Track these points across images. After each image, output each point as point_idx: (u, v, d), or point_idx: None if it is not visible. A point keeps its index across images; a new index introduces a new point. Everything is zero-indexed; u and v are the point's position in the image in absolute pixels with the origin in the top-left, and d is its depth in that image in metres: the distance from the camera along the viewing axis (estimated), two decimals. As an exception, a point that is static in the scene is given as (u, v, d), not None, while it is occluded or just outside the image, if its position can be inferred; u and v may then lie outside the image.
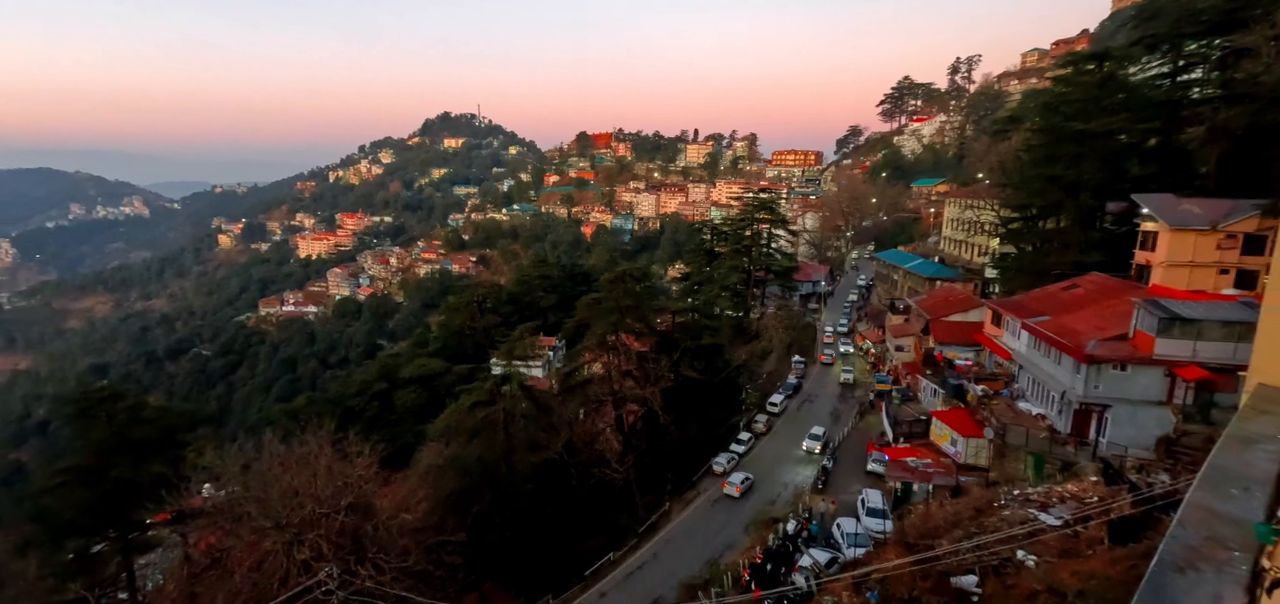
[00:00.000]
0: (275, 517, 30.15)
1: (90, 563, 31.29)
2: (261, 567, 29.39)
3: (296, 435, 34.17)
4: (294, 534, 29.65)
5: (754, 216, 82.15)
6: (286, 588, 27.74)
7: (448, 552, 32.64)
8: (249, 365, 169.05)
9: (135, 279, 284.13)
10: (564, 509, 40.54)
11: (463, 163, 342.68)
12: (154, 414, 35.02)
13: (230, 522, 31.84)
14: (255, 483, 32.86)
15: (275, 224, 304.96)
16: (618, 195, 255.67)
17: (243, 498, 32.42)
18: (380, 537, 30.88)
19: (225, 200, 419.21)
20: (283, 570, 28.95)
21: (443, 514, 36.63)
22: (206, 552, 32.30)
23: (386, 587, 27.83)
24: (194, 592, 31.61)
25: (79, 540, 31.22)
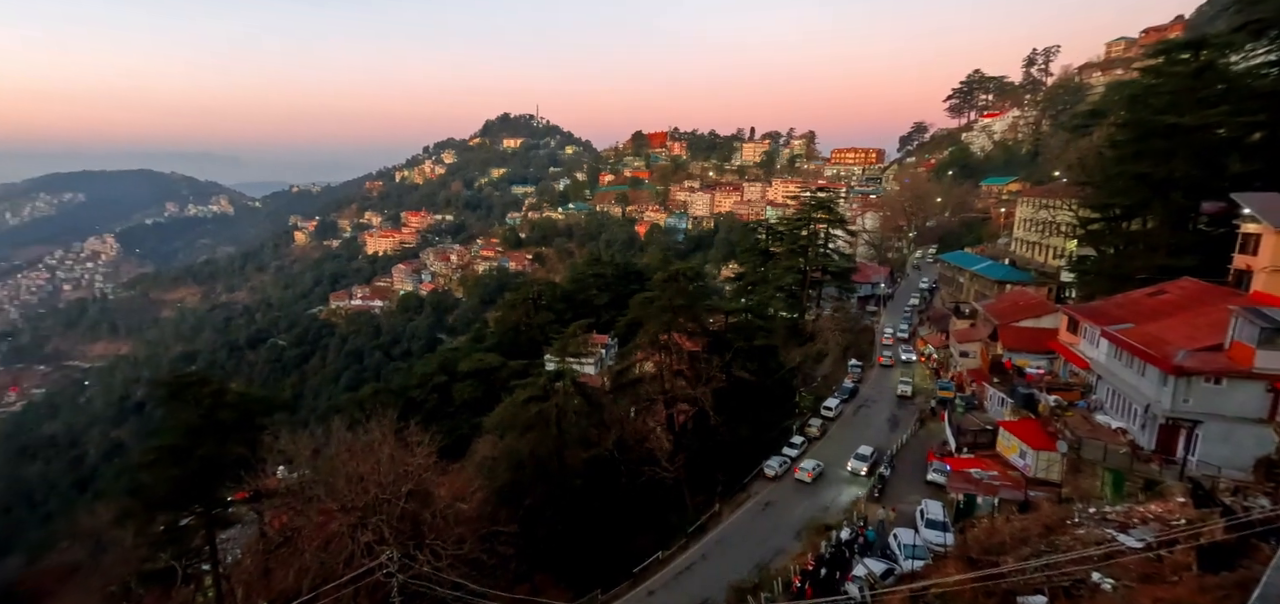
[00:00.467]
0: (342, 500, 31.80)
1: (179, 535, 33.78)
2: (329, 546, 31.02)
3: (362, 424, 35.92)
4: (359, 517, 31.19)
5: (811, 216, 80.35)
6: (351, 568, 29.19)
7: (501, 541, 33.50)
8: (320, 356, 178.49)
9: (221, 273, 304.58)
10: (614, 505, 40.87)
11: (521, 162, 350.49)
12: (235, 399, 37.42)
13: (301, 503, 33.80)
14: (324, 467, 34.81)
15: (346, 222, 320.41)
16: (672, 194, 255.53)
17: (313, 481, 34.38)
18: (438, 524, 32.08)
19: (301, 199, 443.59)
20: (348, 551, 30.48)
21: (496, 505, 37.67)
22: (279, 530, 34.32)
23: (443, 572, 28.82)
24: (268, 567, 33.70)
25: (169, 514, 33.72)
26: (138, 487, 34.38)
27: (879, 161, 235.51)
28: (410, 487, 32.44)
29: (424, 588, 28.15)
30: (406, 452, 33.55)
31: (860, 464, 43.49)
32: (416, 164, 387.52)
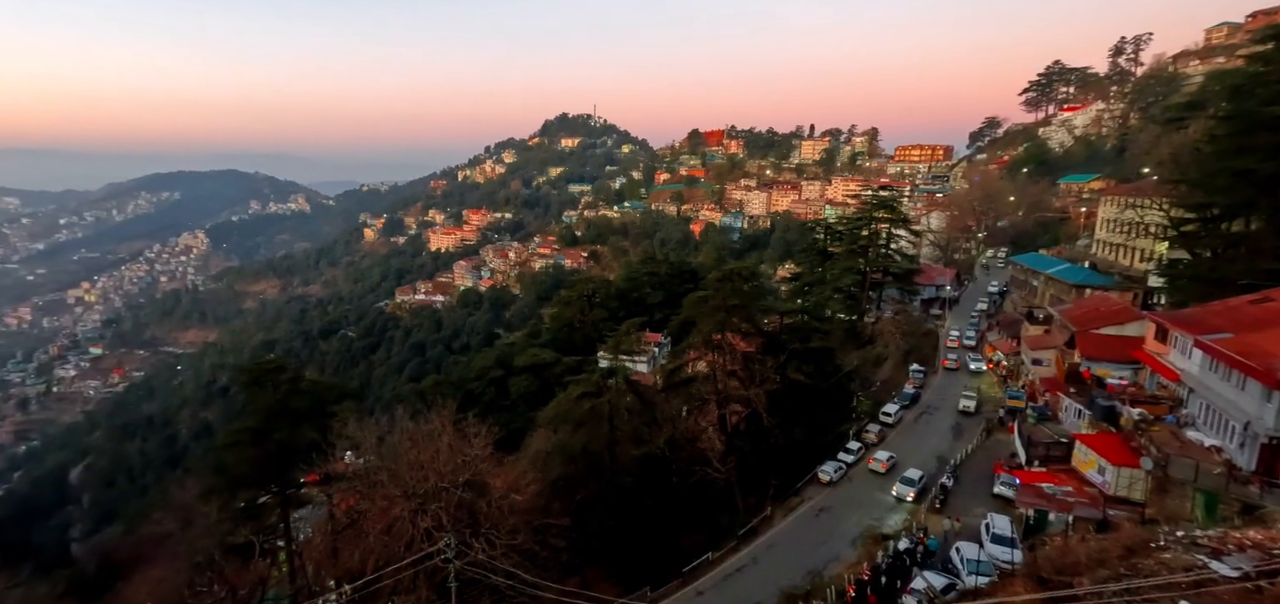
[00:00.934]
0: (404, 486, 33.13)
1: (257, 512, 36.09)
2: (391, 530, 32.39)
3: (423, 414, 37.31)
4: (419, 503, 32.41)
5: (872, 215, 77.80)
6: (411, 552, 30.38)
7: (553, 534, 34.10)
8: (386, 347, 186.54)
9: (297, 267, 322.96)
10: (664, 504, 40.89)
11: (578, 161, 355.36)
12: (309, 386, 39.60)
13: (366, 487, 35.44)
14: (388, 454, 36.33)
15: (411, 219, 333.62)
16: (728, 193, 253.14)
17: (377, 467, 35.97)
18: (493, 514, 32.94)
19: (371, 198, 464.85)
20: (408, 535, 31.73)
21: (549, 498, 38.35)
22: (346, 512, 36.10)
23: (497, 561, 29.59)
24: (336, 546, 35.51)
25: (249, 492, 36.07)
26: (221, 465, 36.91)
27: (946, 158, 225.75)
28: (467, 476, 33.44)
29: (479, 575, 28.99)
30: (464, 442, 34.60)
31: (906, 488, 40.13)
32: (478, 164, 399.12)
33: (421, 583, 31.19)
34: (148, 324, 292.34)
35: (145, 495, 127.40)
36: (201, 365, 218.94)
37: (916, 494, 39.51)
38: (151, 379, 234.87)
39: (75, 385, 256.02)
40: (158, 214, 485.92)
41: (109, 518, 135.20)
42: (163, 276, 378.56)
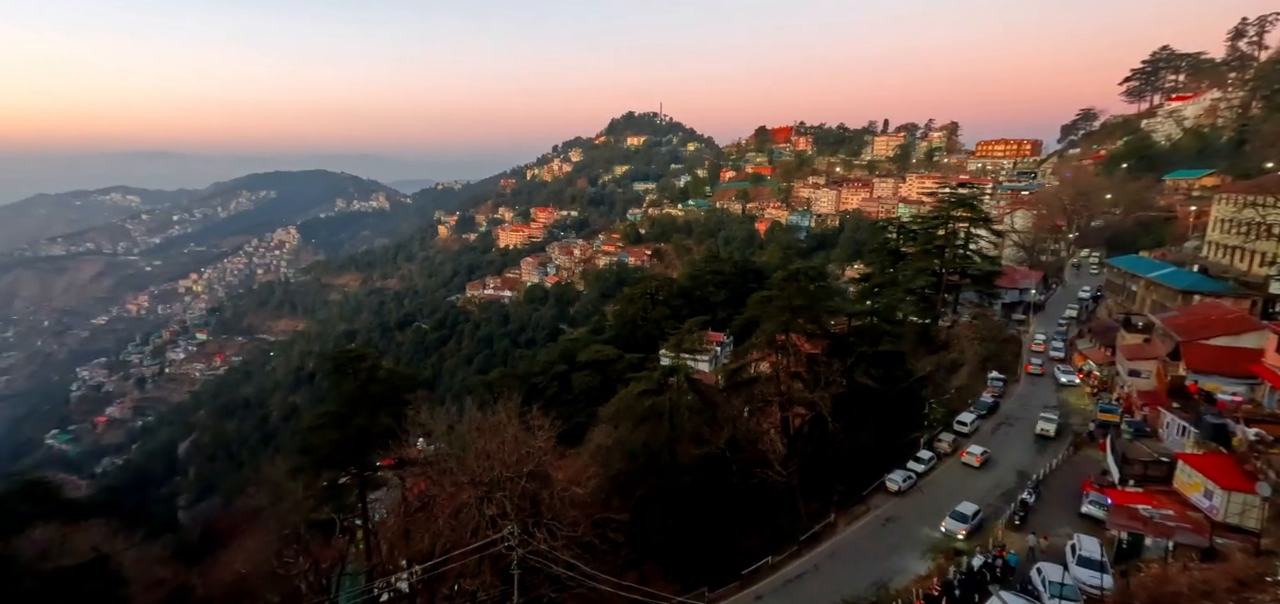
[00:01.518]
0: (471, 474, 34.39)
1: (337, 492, 38.38)
2: (458, 515, 33.69)
3: (490, 405, 38.58)
4: (485, 491, 33.55)
5: (949, 214, 74.02)
6: (477, 538, 31.51)
7: (612, 528, 34.46)
8: (456, 340, 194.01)
9: (377, 262, 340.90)
10: (724, 504, 40.50)
11: (643, 160, 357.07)
12: (386, 375, 41.71)
13: (437, 473, 36.99)
14: (456, 443, 37.79)
15: (482, 216, 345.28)
16: (795, 191, 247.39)
17: (447, 454, 37.49)
18: (554, 505, 33.67)
19: (445, 196, 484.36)
20: (475, 522, 32.91)
21: (609, 493, 38.77)
22: (418, 496, 37.80)
23: (558, 551, 30.24)
24: (408, 528, 37.27)
25: (331, 472, 38.39)
26: (307, 446, 39.47)
27: (1034, 153, 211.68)
28: (531, 467, 34.34)
29: (540, 564, 29.71)
30: (528, 434, 35.54)
31: (957, 525, 35.88)
32: (546, 163, 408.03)
33: (486, 568, 32.31)
34: (245, 313, 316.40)
35: (241, 471, 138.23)
36: (291, 352, 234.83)
37: (968, 533, 35.50)
38: (248, 364, 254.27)
39: (183, 367, 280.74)
40: (256, 211, 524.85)
41: (210, 490, 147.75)
42: (259, 269, 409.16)
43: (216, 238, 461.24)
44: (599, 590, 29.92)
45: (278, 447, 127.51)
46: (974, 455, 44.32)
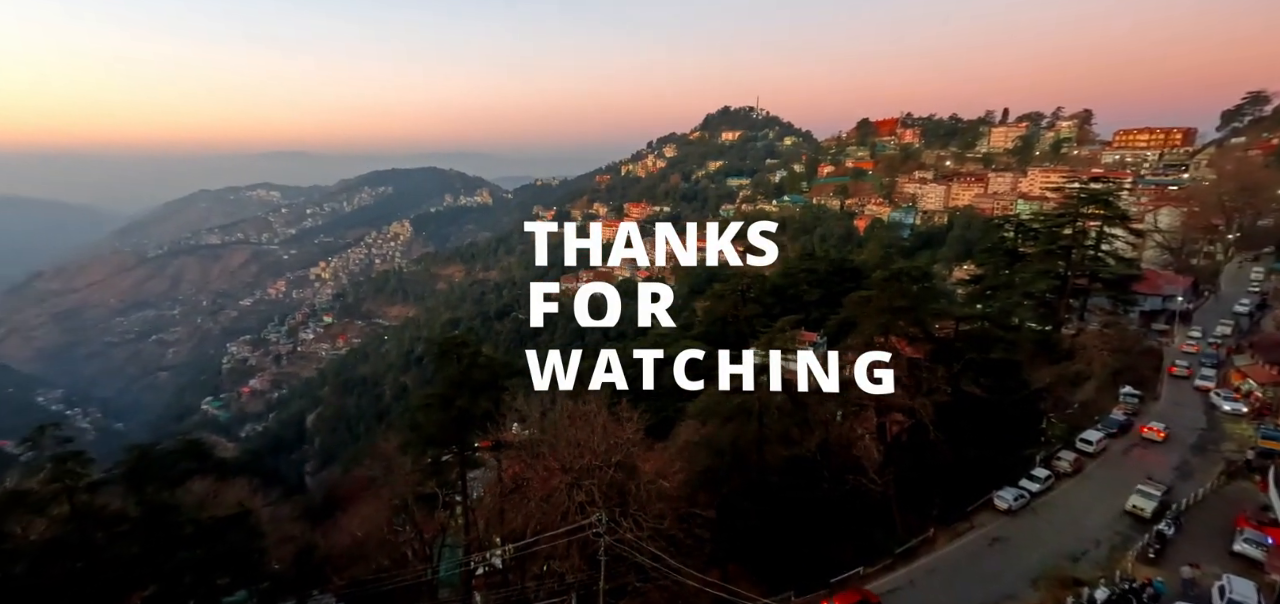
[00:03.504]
0: (562, 460, 35.67)
1: (441, 469, 41.07)
2: (549, 499, 35.05)
3: (581, 395, 39.72)
4: (574, 478, 34.69)
5: (1079, 211, 67.19)
6: (566, 522, 32.67)
7: (697, 524, 34.51)
8: (550, 330, 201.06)
9: (480, 254, 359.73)
10: (813, 509, 39.29)
11: (738, 155, 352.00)
12: (486, 361, 43.99)
13: (530, 457, 38.65)
14: (549, 429, 39.31)
15: (577, 211, 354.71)
16: (898, 186, 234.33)
17: (539, 440, 39.09)
18: (641, 496, 34.20)
19: (543, 191, 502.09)
20: (564, 506, 34.12)
21: (695, 488, 38.75)
22: (512, 478, 39.66)
23: (643, 542, 30.71)
24: (503, 508, 39.24)
25: (435, 450, 41.14)
26: (415, 424, 42.51)
27: (1186, 143, 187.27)
28: (619, 458, 35.09)
29: (626, 553, 30.32)
30: (617, 425, 36.33)
31: (1145, 501, 36.27)
32: (640, 159, 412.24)
33: (574, 552, 33.41)
34: (364, 299, 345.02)
35: (358, 443, 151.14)
36: (402, 337, 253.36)
37: (1154, 512, 35.94)
38: (366, 346, 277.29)
39: (312, 346, 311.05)
40: (376, 205, 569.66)
41: (332, 458, 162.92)
42: (377, 259, 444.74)
43: (342, 230, 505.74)
44: (684, 584, 30.07)
45: (389, 423, 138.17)
46: (1156, 429, 45.26)
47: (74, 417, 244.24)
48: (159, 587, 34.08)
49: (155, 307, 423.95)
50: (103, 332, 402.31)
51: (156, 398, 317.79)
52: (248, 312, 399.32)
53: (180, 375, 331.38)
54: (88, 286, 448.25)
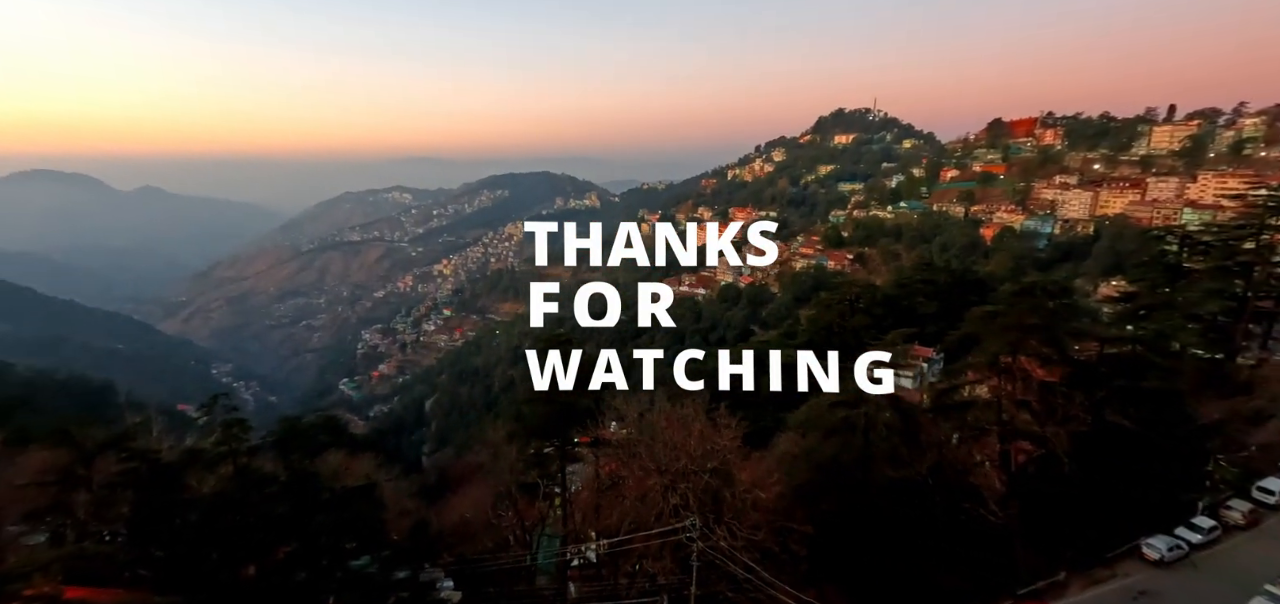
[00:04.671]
0: (657, 462, 35.85)
1: (542, 460, 42.77)
2: (644, 499, 35.35)
3: (679, 398, 39.75)
4: (670, 480, 34.74)
5: (1265, 222, 57.68)
6: (660, 524, 32.80)
7: (794, 539, 33.33)
8: (650, 332, 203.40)
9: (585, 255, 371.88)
10: (921, 535, 36.64)
11: (851, 159, 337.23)
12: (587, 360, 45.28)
13: (627, 456, 39.20)
14: (646, 430, 39.64)
15: (682, 214, 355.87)
16: (1034, 192, 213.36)
17: (636, 440, 39.52)
18: (736, 505, 33.59)
19: (649, 196, 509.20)
20: (659, 508, 34.27)
21: (792, 502, 37.44)
22: (609, 475, 40.47)
23: (736, 551, 30.14)
24: (599, 504, 40.15)
25: (538, 442, 42.90)
26: (520, 416, 44.63)
27: None
28: (715, 464, 34.71)
29: (719, 561, 29.92)
30: (715, 431, 35.95)
31: None
32: (747, 162, 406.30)
33: (667, 554, 33.47)
34: (480, 296, 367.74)
35: (469, 430, 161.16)
36: (512, 332, 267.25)
37: None
38: (479, 339, 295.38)
39: (433, 337, 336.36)
40: (493, 208, 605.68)
41: (446, 442, 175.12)
42: (493, 258, 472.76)
43: (463, 230, 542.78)
44: (777, 600, 29.16)
45: (497, 412, 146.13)
46: None
47: (239, 389, 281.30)
48: (299, 544, 38.24)
49: (305, 295, 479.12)
50: (263, 315, 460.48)
51: (303, 376, 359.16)
52: (380, 303, 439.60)
53: (322, 357, 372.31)
54: (254, 276, 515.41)
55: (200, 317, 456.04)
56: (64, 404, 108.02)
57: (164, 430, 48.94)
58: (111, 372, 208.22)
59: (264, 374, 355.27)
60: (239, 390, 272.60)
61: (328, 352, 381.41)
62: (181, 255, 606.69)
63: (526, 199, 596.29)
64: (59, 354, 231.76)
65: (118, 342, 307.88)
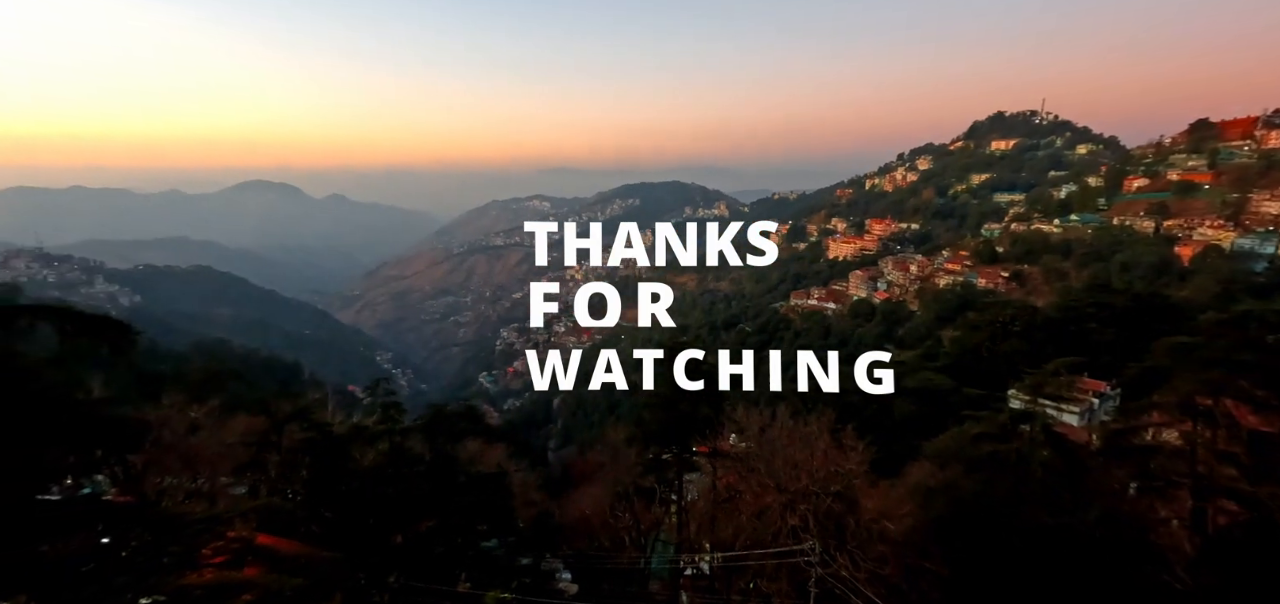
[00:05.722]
0: (777, 479, 34.73)
1: (660, 466, 43.16)
2: (761, 516, 34.42)
3: (802, 414, 38.24)
4: (789, 499, 33.49)
5: None
6: (777, 543, 31.72)
7: (925, 580, 30.66)
8: (776, 345, 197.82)
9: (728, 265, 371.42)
10: (1082, 592, 31.94)
11: (1010, 166, 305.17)
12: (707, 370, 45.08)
13: (745, 470, 38.43)
14: (767, 445, 38.60)
15: (813, 227, 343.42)
16: (1252, 205, 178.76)
17: (756, 454, 38.59)
18: (860, 533, 31.58)
19: (779, 205, 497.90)
20: (776, 527, 33.17)
21: (925, 538, 34.43)
22: (725, 488, 39.92)
23: (859, 583, 28.30)
24: (714, 515, 39.71)
25: (656, 447, 43.40)
26: (640, 420, 45.44)
27: None
28: (839, 487, 32.93)
29: (839, 590, 28.29)
30: (840, 452, 34.17)
31: None
32: (888, 171, 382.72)
33: (783, 575, 32.28)
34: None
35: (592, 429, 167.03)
36: (635, 337, 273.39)
37: None
38: (606, 341, 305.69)
39: (563, 339, 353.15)
40: (624, 216, 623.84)
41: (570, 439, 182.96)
42: (623, 266, 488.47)
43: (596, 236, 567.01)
44: (904, 642, 26.98)
45: (619, 415, 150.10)
46: None
47: (397, 375, 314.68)
48: (439, 521, 41.89)
49: (454, 294, 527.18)
50: (419, 310, 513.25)
51: (449, 367, 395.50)
52: (518, 303, 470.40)
53: (466, 351, 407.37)
54: (413, 275, 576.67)
55: (368, 309, 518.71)
56: (265, 378, 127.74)
57: (336, 407, 56.12)
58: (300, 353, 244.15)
59: (417, 363, 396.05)
60: (397, 376, 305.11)
61: (470, 346, 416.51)
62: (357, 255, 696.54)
63: (657, 208, 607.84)
64: (263, 336, 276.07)
65: (305, 327, 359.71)
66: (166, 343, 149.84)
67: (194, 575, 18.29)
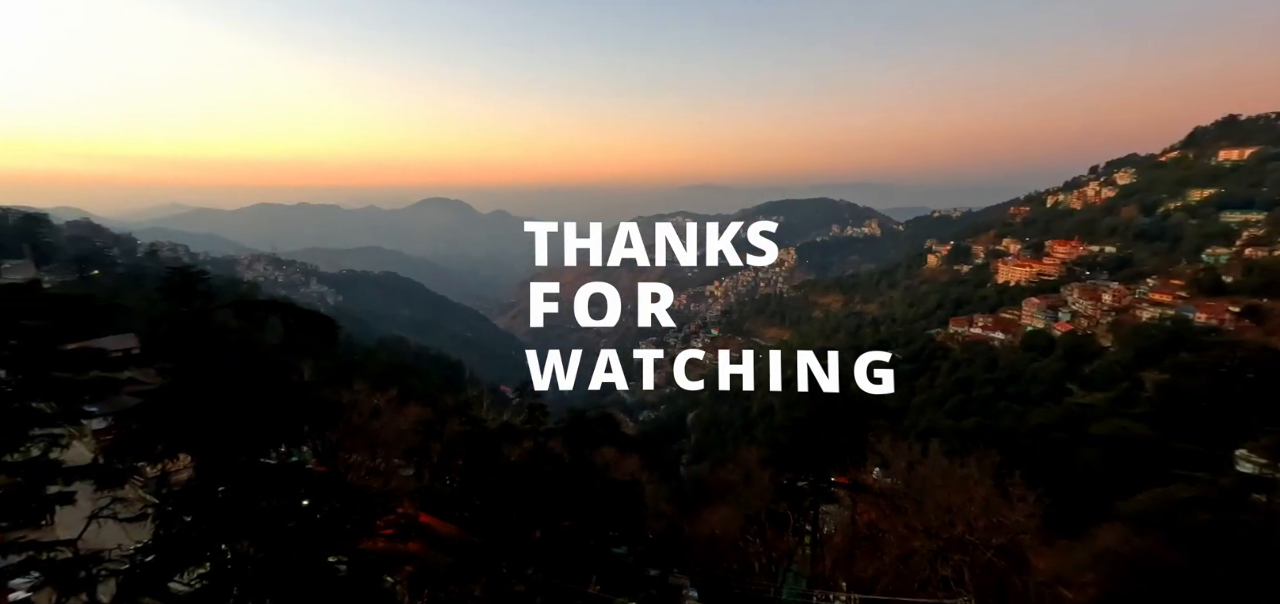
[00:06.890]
0: (926, 522, 31.75)
1: (793, 493, 41.40)
2: (907, 561, 31.63)
3: (960, 455, 34.61)
4: (940, 547, 30.44)
5: None
6: (924, 594, 28.93)
7: (1113, 664, 26.11)
8: (929, 375, 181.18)
9: (860, 285, 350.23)
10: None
11: (1244, 179, 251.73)
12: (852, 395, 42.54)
13: (889, 508, 35.61)
14: (915, 485, 35.47)
15: (980, 247, 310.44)
16: None
17: (903, 493, 35.61)
18: (1027, 596, 27.80)
19: (940, 224, 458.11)
20: (923, 575, 30.30)
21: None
22: (866, 525, 37.25)
23: (1024, 655, 24.87)
24: (853, 552, 37.19)
25: (791, 473, 41.74)
26: (775, 443, 44.13)
27: None
28: (1002, 541, 29.31)
29: (998, 658, 25.08)
30: (1005, 503, 30.43)
31: None
32: (1076, 186, 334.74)
33: (931, 631, 29.32)
34: (746, 318, 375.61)
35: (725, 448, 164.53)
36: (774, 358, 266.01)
37: None
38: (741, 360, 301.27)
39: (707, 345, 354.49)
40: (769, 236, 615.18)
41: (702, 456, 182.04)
42: (762, 283, 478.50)
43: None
44: None
45: (753, 436, 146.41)
46: None
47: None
48: (574, 522, 43.84)
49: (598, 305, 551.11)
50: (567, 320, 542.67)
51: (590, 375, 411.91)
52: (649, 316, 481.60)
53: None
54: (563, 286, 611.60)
55: (521, 316, 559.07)
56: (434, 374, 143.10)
57: (490, 405, 61.11)
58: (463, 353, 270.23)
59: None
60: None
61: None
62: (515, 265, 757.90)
63: (802, 226, 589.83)
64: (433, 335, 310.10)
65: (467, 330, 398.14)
66: (358, 337, 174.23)
67: (369, 542, 20.98)
